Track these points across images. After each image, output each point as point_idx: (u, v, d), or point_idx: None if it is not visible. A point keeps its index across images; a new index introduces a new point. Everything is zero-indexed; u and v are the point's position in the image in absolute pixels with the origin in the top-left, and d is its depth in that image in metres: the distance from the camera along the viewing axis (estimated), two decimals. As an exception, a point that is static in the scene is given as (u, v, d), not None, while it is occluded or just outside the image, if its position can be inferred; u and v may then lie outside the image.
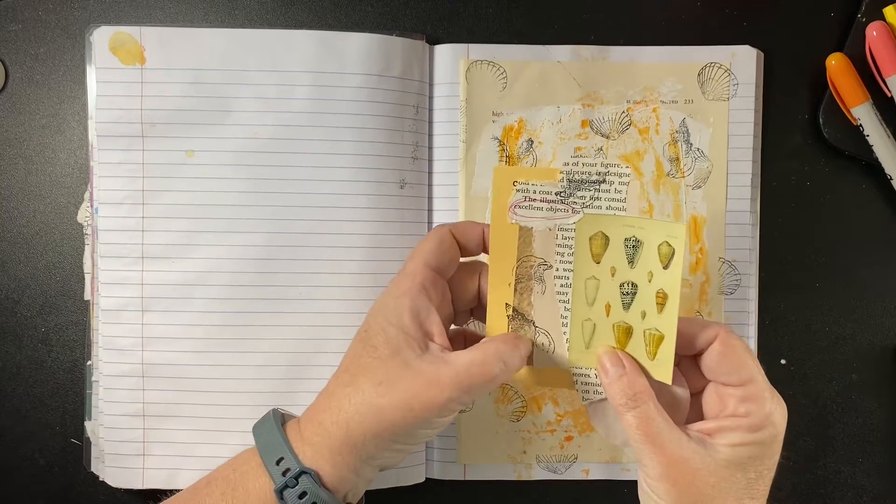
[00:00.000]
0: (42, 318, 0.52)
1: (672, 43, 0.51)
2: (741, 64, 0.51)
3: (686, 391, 0.41)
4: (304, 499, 0.38)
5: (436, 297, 0.41)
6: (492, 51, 0.51)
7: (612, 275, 0.40)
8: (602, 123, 0.51)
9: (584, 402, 0.42)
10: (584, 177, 0.40)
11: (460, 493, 0.52)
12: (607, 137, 0.51)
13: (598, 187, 0.40)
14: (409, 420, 0.38)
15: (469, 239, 0.42)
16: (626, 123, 0.51)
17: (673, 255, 0.38)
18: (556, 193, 0.40)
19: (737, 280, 0.51)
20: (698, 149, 0.51)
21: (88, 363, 0.51)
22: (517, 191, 0.41)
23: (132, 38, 0.49)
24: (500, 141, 0.51)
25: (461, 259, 0.43)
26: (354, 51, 0.49)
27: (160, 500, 0.42)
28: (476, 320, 0.46)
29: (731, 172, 0.51)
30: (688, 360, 0.41)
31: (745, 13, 0.52)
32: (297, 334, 0.50)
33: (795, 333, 0.52)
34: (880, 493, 0.52)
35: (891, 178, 0.51)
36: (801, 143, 0.52)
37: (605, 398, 0.41)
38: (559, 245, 0.41)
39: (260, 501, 0.39)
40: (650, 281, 0.39)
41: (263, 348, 0.49)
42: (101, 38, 0.49)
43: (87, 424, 0.51)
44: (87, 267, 0.51)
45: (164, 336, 0.49)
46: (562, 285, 0.41)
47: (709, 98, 0.51)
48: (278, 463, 0.38)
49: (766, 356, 0.52)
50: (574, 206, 0.40)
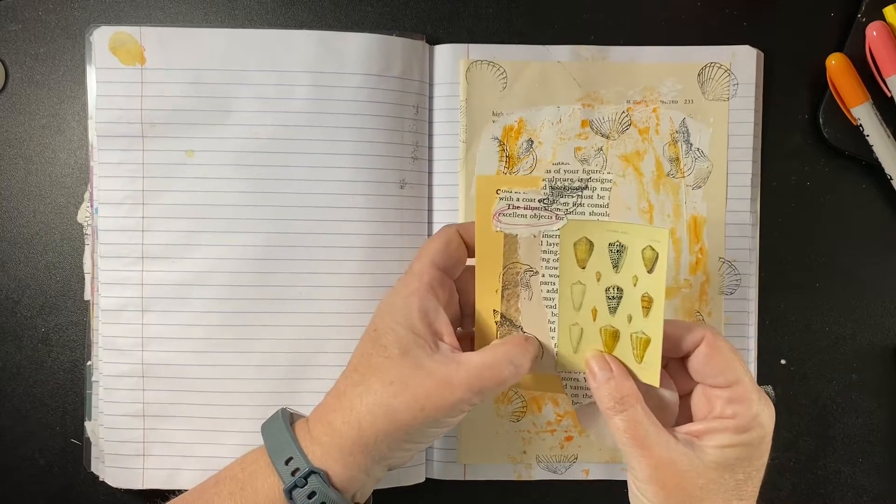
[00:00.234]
0: (42, 318, 0.52)
1: (672, 43, 0.51)
2: (741, 64, 0.51)
3: (674, 394, 0.41)
4: (314, 499, 0.38)
5: (443, 297, 0.41)
6: (492, 51, 0.51)
7: (598, 279, 0.40)
8: (602, 123, 0.51)
9: (574, 406, 0.43)
10: (566, 184, 0.41)
11: (460, 493, 0.52)
12: (607, 137, 0.51)
13: (580, 193, 0.41)
14: (420, 420, 0.38)
15: None
16: (626, 123, 0.51)
17: (657, 259, 0.38)
18: (539, 201, 0.41)
19: (737, 280, 0.51)
20: (698, 149, 0.51)
21: (88, 363, 0.51)
22: (501, 199, 0.41)
23: (132, 38, 0.49)
24: (500, 141, 0.51)
25: (468, 261, 0.43)
26: (354, 51, 0.49)
27: (163, 500, 0.42)
28: None
29: (731, 172, 0.51)
30: (676, 362, 0.41)
31: (745, 13, 0.52)
32: (296, 334, 0.50)
33: (795, 333, 0.52)
34: (880, 493, 0.52)
35: (891, 178, 0.51)
36: (801, 143, 0.52)
37: (594, 401, 0.41)
38: (544, 251, 0.42)
39: (268, 501, 0.39)
40: (635, 285, 0.39)
41: (263, 348, 0.49)
42: (101, 38, 0.49)
43: (87, 424, 0.51)
44: (87, 267, 0.51)
45: (163, 336, 0.49)
46: (548, 291, 0.42)
47: (709, 98, 0.51)
48: (287, 463, 0.38)
49: (766, 356, 0.52)
50: (557, 212, 0.41)
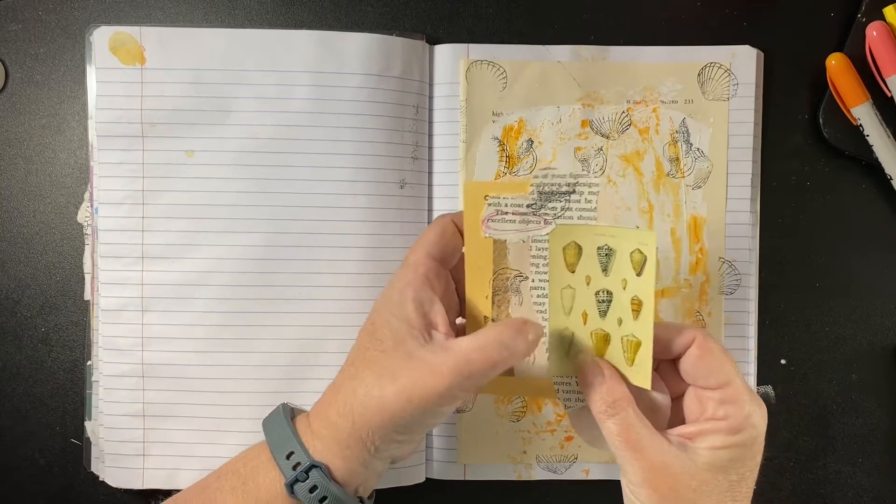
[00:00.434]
0: (42, 318, 0.52)
1: (672, 43, 0.51)
2: (741, 64, 0.51)
3: (666, 396, 0.41)
4: (315, 493, 0.38)
5: (439, 287, 0.41)
6: (492, 51, 0.51)
7: (587, 283, 0.40)
8: (602, 123, 0.51)
9: (566, 411, 0.43)
10: (554, 188, 0.41)
11: (460, 493, 0.52)
12: (607, 137, 0.51)
13: (568, 198, 0.41)
14: (409, 411, 0.37)
15: None
16: (626, 123, 0.51)
17: (645, 262, 0.38)
18: (527, 206, 0.41)
19: (737, 280, 0.51)
20: (698, 149, 0.51)
21: (88, 363, 0.51)
22: (489, 205, 0.41)
23: (132, 38, 0.49)
24: (500, 141, 0.51)
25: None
26: (354, 51, 0.49)
27: (162, 499, 0.42)
28: None
29: (731, 172, 0.51)
30: (667, 364, 0.41)
31: (745, 13, 0.52)
32: (296, 334, 0.50)
33: (795, 333, 0.52)
34: (880, 493, 0.52)
35: (891, 178, 0.51)
36: (801, 143, 0.52)
37: (587, 405, 0.41)
38: (533, 256, 0.42)
39: (270, 495, 0.39)
40: (625, 288, 0.39)
41: (263, 348, 0.49)
42: (101, 38, 0.49)
43: (87, 424, 0.51)
44: (87, 267, 0.51)
45: (164, 336, 0.49)
46: (538, 296, 0.42)
47: (709, 98, 0.51)
48: (289, 457, 0.38)
49: (766, 356, 0.52)
50: (546, 217, 0.41)
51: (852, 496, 0.52)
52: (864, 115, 0.50)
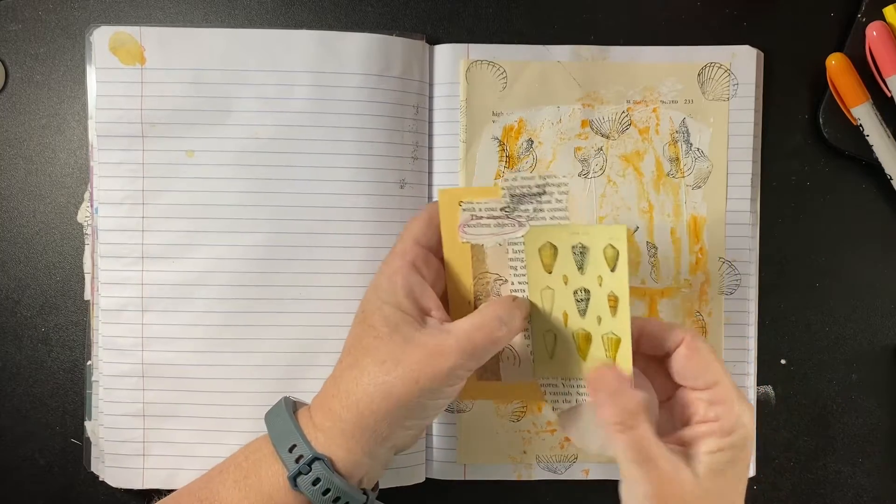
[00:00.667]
0: (42, 318, 0.52)
1: (672, 43, 0.51)
2: (741, 64, 0.51)
3: (654, 398, 0.41)
4: (318, 485, 0.38)
5: (429, 274, 0.41)
6: (492, 51, 0.51)
7: (565, 283, 0.40)
8: (602, 123, 0.51)
9: (554, 412, 0.43)
10: (524, 190, 0.41)
11: (460, 493, 0.52)
12: (607, 137, 0.51)
13: (539, 199, 0.41)
14: (416, 393, 0.38)
15: None
16: (626, 123, 0.51)
17: (618, 256, 0.38)
18: (500, 209, 0.41)
19: (737, 280, 0.51)
20: (698, 149, 0.51)
21: (88, 363, 0.51)
22: (464, 210, 0.42)
23: (132, 38, 0.49)
24: (500, 141, 0.51)
25: None
26: (354, 51, 0.49)
27: (162, 498, 0.42)
28: None
29: (731, 172, 0.51)
30: (655, 366, 0.41)
31: (745, 13, 0.52)
32: (297, 334, 0.50)
33: (795, 333, 0.52)
34: (880, 493, 0.52)
35: (891, 178, 0.51)
36: (801, 143, 0.52)
37: (575, 405, 0.41)
38: (511, 259, 0.42)
39: (273, 488, 0.39)
40: (601, 285, 0.39)
41: (263, 348, 0.49)
42: (101, 38, 0.49)
43: (87, 424, 0.51)
44: (87, 267, 0.51)
45: (164, 336, 0.49)
46: None
47: (709, 98, 0.51)
48: (291, 450, 0.39)
49: (766, 356, 0.52)
50: (519, 219, 0.41)
51: (852, 496, 0.52)
52: (864, 115, 0.50)
